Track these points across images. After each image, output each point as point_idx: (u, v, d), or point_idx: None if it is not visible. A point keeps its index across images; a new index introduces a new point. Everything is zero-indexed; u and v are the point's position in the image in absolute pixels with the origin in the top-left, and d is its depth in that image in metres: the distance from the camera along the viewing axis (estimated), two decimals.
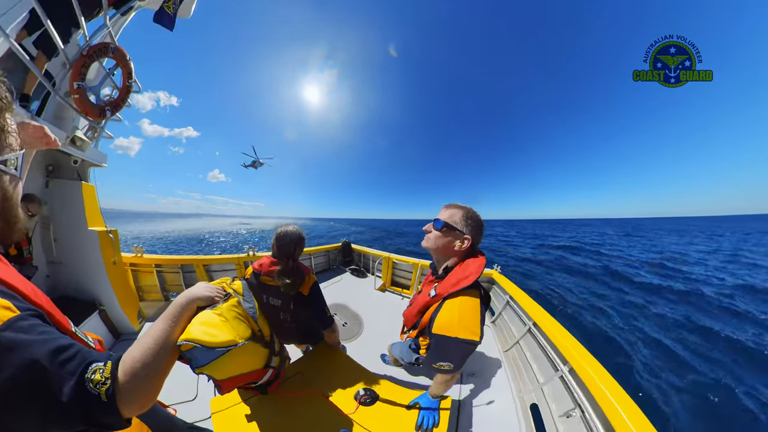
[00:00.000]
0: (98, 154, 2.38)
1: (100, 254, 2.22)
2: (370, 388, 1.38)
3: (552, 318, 2.03)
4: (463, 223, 1.08)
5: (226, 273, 3.57)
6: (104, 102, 2.23)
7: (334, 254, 5.60)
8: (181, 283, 3.33)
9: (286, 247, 1.39)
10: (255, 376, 1.03)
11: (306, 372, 1.47)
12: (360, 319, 3.10)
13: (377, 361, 2.33)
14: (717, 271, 13.61)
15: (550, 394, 1.73)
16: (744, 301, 8.59)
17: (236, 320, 0.90)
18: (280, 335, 1.33)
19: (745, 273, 13.62)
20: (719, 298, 8.64)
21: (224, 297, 0.92)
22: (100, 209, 2.42)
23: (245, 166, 74.07)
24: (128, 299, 2.44)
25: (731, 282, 11.12)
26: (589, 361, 1.45)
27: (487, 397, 1.92)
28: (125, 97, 2.32)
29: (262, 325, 1.04)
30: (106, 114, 2.20)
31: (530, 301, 2.38)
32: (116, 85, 2.33)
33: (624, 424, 1.07)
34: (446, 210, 1.13)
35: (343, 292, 3.95)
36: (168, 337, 0.66)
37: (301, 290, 1.41)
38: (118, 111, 2.29)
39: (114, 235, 2.31)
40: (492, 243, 31.09)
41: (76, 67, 2.04)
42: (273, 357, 1.10)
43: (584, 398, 1.41)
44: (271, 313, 1.43)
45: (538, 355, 2.02)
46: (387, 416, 1.26)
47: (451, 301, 1.03)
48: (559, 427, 1.52)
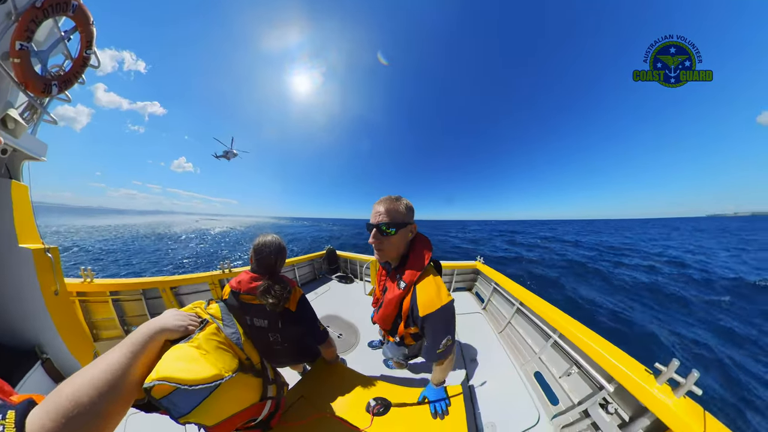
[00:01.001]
0: (36, 144, 1.75)
1: (36, 282, 1.64)
2: (381, 397, 1.32)
3: (535, 295, 2.27)
4: (406, 214, 1.13)
5: (199, 296, 3.06)
6: (52, 74, 1.69)
7: (318, 263, 5.38)
8: (144, 313, 2.79)
9: (265, 259, 1.30)
10: (252, 412, 0.90)
11: (308, 395, 1.39)
12: (355, 328, 2.98)
13: (381, 368, 2.29)
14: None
15: (548, 360, 1.95)
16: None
17: (218, 350, 0.78)
18: (272, 359, 1.28)
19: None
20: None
21: (200, 325, 0.80)
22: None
23: (216, 157, 68.70)
24: (79, 340, 1.86)
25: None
26: (572, 324, 1.68)
27: (493, 376, 2.11)
28: (79, 71, 1.78)
29: (250, 352, 0.93)
30: (51, 90, 1.66)
31: (514, 284, 2.59)
32: (70, 54, 1.77)
33: (613, 365, 1.27)
34: (386, 209, 1.11)
35: (333, 302, 3.80)
36: (123, 371, 0.50)
37: (288, 306, 1.32)
38: (67, 89, 1.73)
39: (54, 255, 1.73)
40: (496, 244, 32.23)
41: (23, 21, 1.47)
42: (268, 386, 0.98)
43: (577, 356, 1.64)
44: (258, 335, 1.35)
45: (530, 329, 2.26)
46: (404, 420, 1.22)
47: (421, 284, 1.11)
48: (563, 385, 1.73)
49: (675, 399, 1.01)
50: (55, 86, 1.67)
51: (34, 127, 1.77)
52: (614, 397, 1.34)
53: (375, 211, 1.13)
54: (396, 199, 1.13)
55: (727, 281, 12.40)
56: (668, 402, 1.01)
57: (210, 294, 3.11)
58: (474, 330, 2.91)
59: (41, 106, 1.72)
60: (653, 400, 1.05)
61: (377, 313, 1.38)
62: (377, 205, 1.14)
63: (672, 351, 5.43)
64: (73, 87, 1.78)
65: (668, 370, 1.05)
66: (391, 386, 1.43)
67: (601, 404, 1.39)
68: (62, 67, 1.79)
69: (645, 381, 1.12)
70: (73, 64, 1.78)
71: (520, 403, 1.83)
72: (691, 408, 0.98)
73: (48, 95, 1.66)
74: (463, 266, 4.26)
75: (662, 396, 1.04)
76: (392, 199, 1.13)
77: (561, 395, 1.73)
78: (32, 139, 1.74)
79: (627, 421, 1.25)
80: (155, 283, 2.76)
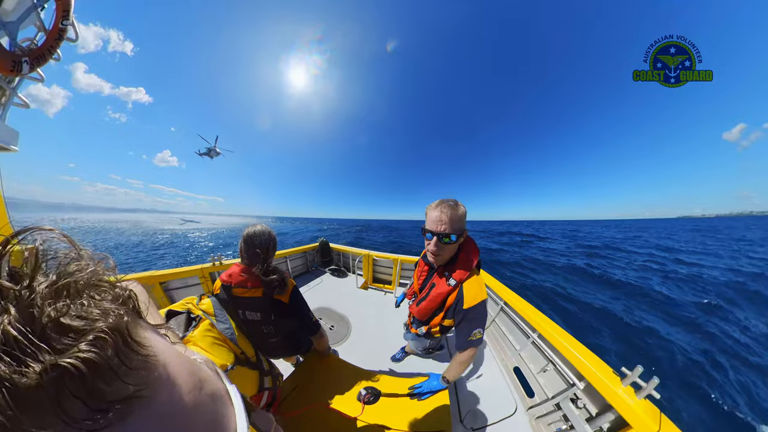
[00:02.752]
0: (6, 131, 1.58)
1: None
2: (371, 386, 1.41)
3: (518, 296, 2.44)
4: (463, 220, 1.18)
5: (189, 290, 3.01)
6: (22, 49, 1.51)
7: (311, 255, 5.38)
8: None
9: (256, 249, 1.28)
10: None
11: (302, 385, 1.45)
12: (347, 320, 3.08)
13: (371, 360, 2.42)
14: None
15: (527, 357, 2.12)
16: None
17: (214, 346, 0.79)
18: (266, 351, 1.31)
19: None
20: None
21: (192, 322, 0.82)
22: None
23: (199, 154, 64.78)
24: None
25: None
26: (551, 326, 1.81)
27: (476, 369, 2.30)
28: (54, 45, 1.62)
29: (244, 346, 0.94)
30: (22, 68, 1.50)
31: (499, 284, 2.73)
32: (43, 26, 1.60)
33: (584, 365, 1.40)
34: (449, 217, 1.12)
35: (325, 295, 3.85)
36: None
37: (281, 298, 1.32)
38: (40, 66, 1.57)
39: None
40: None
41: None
42: (264, 378, 1.01)
43: (553, 355, 1.78)
44: (253, 328, 1.36)
45: (512, 328, 2.43)
46: (393, 408, 1.31)
47: (468, 282, 1.24)
48: (540, 380, 1.90)
49: (636, 400, 1.12)
50: (26, 63, 1.52)
51: (3, 111, 1.61)
52: (584, 393, 1.48)
53: (436, 218, 1.14)
54: (455, 205, 1.14)
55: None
56: (630, 402, 1.12)
57: (201, 288, 3.05)
58: None
59: (10, 87, 1.56)
60: (617, 399, 1.16)
61: (417, 304, 1.51)
62: (436, 212, 1.14)
63: (643, 355, 5.80)
64: (47, 64, 1.62)
65: (632, 374, 1.17)
66: (381, 376, 1.53)
67: (572, 399, 1.53)
68: (34, 40, 1.62)
69: (611, 382, 1.23)
70: (47, 37, 1.62)
71: (500, 394, 2.01)
72: (650, 409, 1.10)
73: (18, 74, 1.51)
74: None
75: (626, 396, 1.14)
76: (451, 205, 1.13)
77: (537, 389, 1.89)
78: (1, 127, 1.58)
79: (594, 416, 1.40)
80: (143, 279, 2.67)
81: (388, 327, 2.98)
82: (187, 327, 0.82)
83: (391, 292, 4.16)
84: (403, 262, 4.31)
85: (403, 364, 2.38)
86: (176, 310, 0.85)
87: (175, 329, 0.80)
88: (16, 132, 1.62)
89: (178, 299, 2.42)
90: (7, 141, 1.58)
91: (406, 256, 4.42)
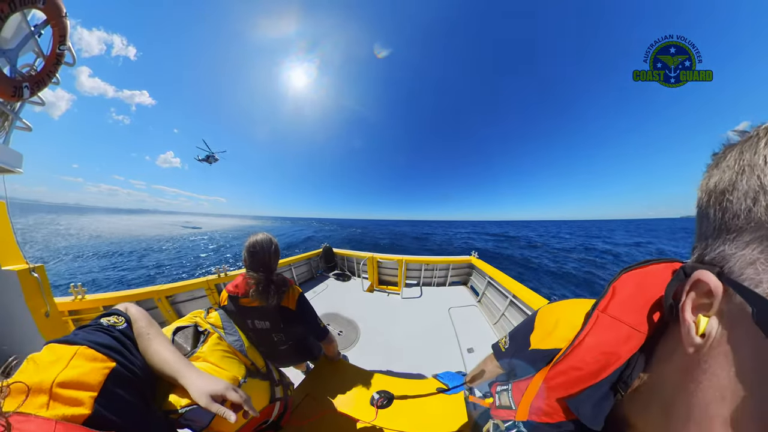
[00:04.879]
0: (10, 154, 1.61)
1: (24, 305, 1.56)
2: (384, 390, 1.37)
3: (528, 289, 2.36)
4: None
5: (196, 303, 3.00)
6: (22, 75, 1.55)
7: (315, 261, 5.37)
8: None
9: (260, 257, 1.28)
10: (264, 415, 0.94)
11: (314, 393, 1.42)
12: (355, 324, 3.05)
13: (382, 363, 2.34)
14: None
15: None
16: None
17: (224, 360, 0.80)
18: (276, 360, 1.30)
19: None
20: None
21: (200, 337, 0.83)
22: None
23: (199, 160, 69.07)
24: None
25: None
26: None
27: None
28: (53, 70, 1.66)
29: (254, 357, 0.95)
30: (23, 93, 1.53)
31: (508, 278, 2.68)
32: (42, 52, 1.63)
33: None
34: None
35: (331, 300, 3.83)
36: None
37: (287, 305, 1.32)
38: (40, 90, 1.61)
39: (40, 274, 1.64)
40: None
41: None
42: (275, 388, 1.01)
43: None
44: (262, 337, 1.36)
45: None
46: (407, 410, 1.28)
47: None
48: None
49: None
50: (26, 88, 1.55)
51: (6, 136, 1.64)
52: None
53: None
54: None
55: None
56: None
57: (207, 300, 3.05)
58: (469, 322, 3.01)
59: (12, 112, 1.60)
60: None
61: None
62: None
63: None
64: (45, 90, 1.66)
65: None
66: (393, 379, 1.50)
67: None
68: (34, 66, 1.66)
69: None
70: (46, 62, 1.65)
71: None
72: None
73: (19, 99, 1.54)
74: (458, 261, 4.31)
75: None
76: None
77: None
78: (5, 150, 1.61)
79: None
80: (150, 293, 2.67)
81: (397, 329, 2.95)
82: (195, 341, 0.82)
83: (397, 293, 4.08)
84: (408, 262, 4.24)
85: (414, 366, 2.30)
86: (184, 326, 0.85)
87: (183, 344, 0.80)
88: (20, 155, 1.64)
89: (185, 312, 2.41)
90: (11, 164, 1.61)
91: (410, 256, 4.38)
